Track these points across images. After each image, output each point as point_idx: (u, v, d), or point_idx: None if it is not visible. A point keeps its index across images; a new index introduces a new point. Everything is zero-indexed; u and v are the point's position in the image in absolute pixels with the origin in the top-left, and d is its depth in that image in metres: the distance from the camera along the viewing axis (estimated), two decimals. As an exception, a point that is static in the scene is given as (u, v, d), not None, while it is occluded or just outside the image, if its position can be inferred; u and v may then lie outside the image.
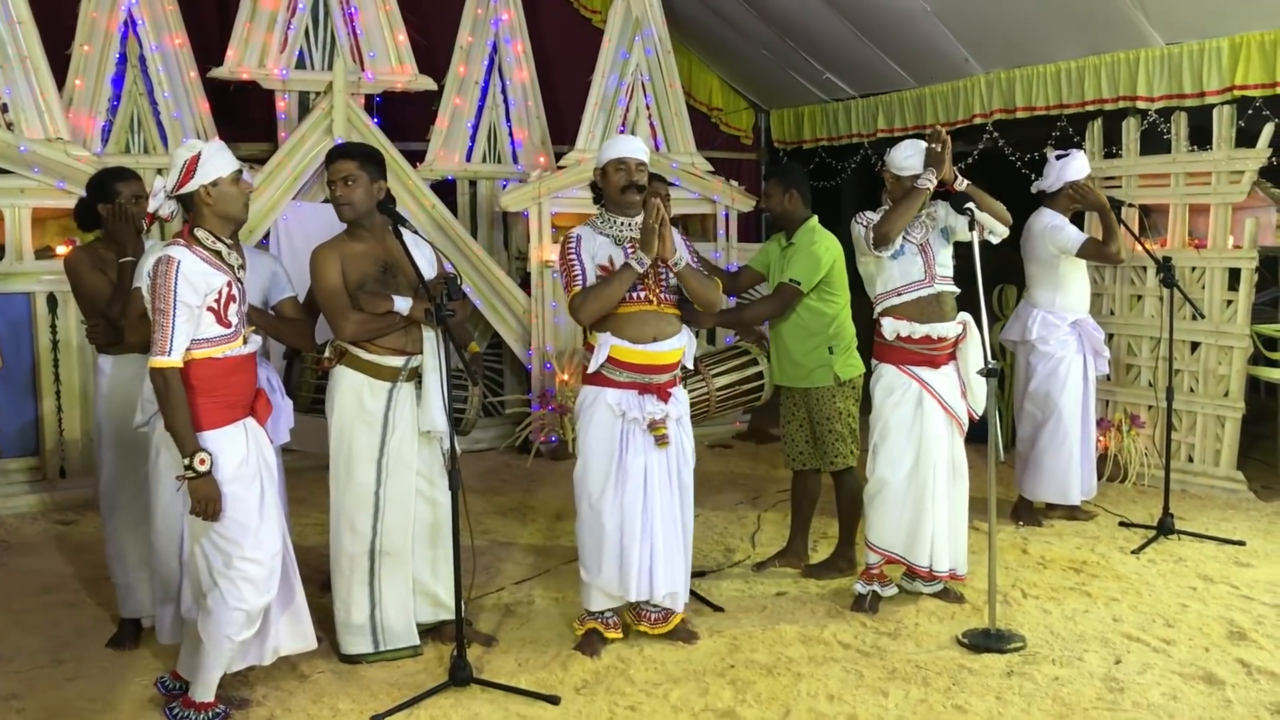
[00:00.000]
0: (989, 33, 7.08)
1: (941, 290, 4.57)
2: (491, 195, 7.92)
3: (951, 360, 4.61)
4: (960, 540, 4.67)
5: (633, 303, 4.08)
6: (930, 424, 4.54)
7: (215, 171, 3.45)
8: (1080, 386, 5.71)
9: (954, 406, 4.57)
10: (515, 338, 7.61)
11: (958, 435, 4.63)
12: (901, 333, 4.53)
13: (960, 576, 4.70)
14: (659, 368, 4.12)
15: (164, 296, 3.32)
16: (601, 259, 4.10)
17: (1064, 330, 5.68)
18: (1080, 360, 5.70)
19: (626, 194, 4.12)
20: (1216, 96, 6.16)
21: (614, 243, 4.14)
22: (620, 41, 7.86)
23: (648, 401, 4.11)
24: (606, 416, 4.10)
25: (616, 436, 4.10)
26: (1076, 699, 3.78)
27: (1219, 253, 6.28)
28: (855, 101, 8.80)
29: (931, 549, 4.58)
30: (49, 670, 4.10)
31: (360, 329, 3.97)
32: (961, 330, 4.58)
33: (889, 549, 4.61)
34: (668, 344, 4.12)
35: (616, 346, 4.07)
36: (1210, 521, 5.79)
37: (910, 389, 4.55)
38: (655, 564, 4.12)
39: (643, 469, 4.11)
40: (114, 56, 6.82)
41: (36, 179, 6.19)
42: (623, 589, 4.13)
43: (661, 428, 4.10)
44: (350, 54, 7.30)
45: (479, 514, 6.01)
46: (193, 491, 3.38)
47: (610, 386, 4.11)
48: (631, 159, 4.12)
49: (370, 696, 3.86)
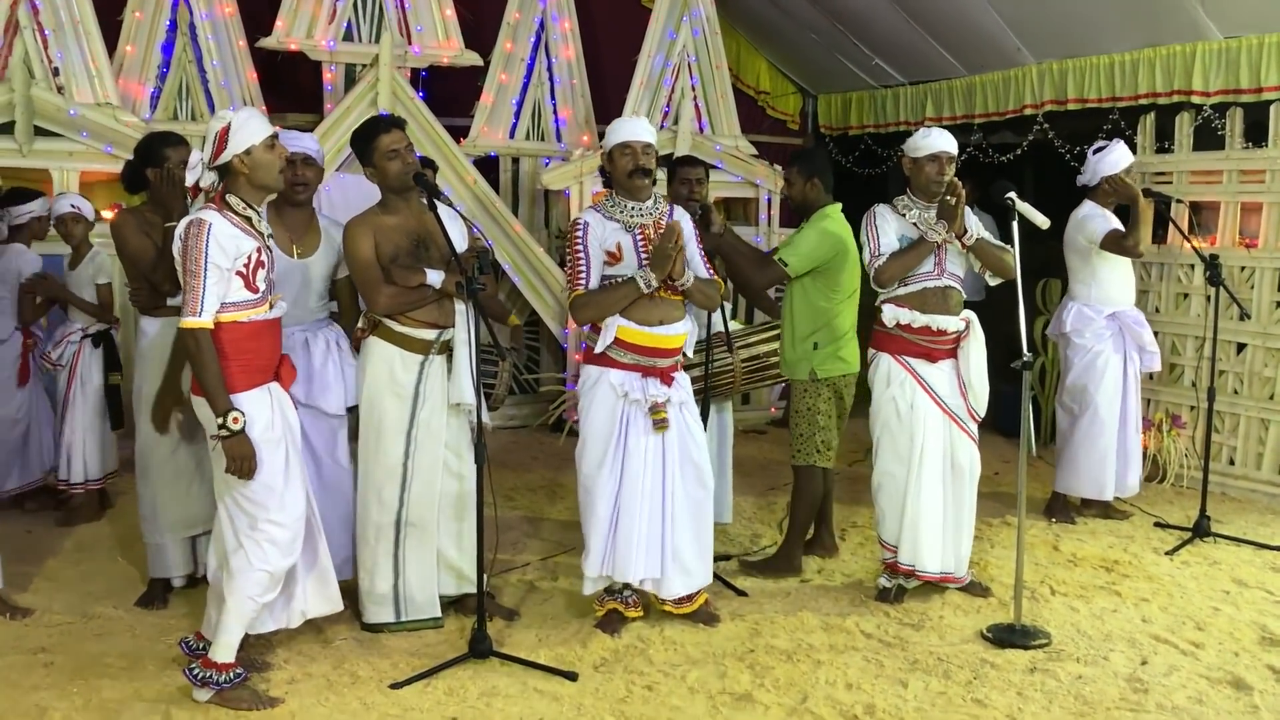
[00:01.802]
0: (1042, 22, 6.95)
1: (949, 285, 4.49)
2: (534, 173, 7.92)
3: (951, 357, 4.51)
4: (963, 543, 4.57)
5: None
6: (922, 419, 4.47)
7: (248, 139, 3.46)
8: (1117, 381, 5.61)
9: (949, 403, 4.48)
10: (552, 316, 7.61)
11: (958, 433, 4.51)
12: (901, 320, 4.47)
13: (959, 579, 4.60)
14: (663, 351, 4.10)
15: (195, 259, 3.35)
16: (610, 245, 4.08)
17: (1100, 323, 5.59)
18: (1119, 355, 5.60)
19: (634, 178, 4.07)
20: (1275, 93, 6.00)
21: (623, 228, 4.10)
22: (668, 21, 7.80)
23: (650, 384, 4.09)
24: (609, 397, 4.09)
25: (617, 417, 4.08)
26: (1099, 698, 3.73)
27: (1270, 253, 6.14)
28: (904, 89, 8.69)
29: (915, 547, 4.48)
30: (79, 626, 4.18)
31: (393, 301, 3.99)
32: (965, 327, 4.49)
33: (893, 542, 4.56)
34: (673, 328, 4.10)
35: (623, 328, 4.05)
36: (1249, 525, 5.68)
37: (906, 381, 4.49)
38: (640, 549, 4.09)
39: (644, 450, 4.08)
40: (164, 24, 6.90)
41: (85, 143, 6.28)
42: (610, 569, 4.12)
43: (661, 411, 4.08)
44: (398, 27, 7.31)
45: (508, 489, 6.04)
46: (227, 450, 3.42)
47: (614, 367, 4.09)
48: (637, 142, 4.07)
49: (390, 665, 3.89)
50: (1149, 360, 5.70)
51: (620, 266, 4.07)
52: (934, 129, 4.49)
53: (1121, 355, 5.62)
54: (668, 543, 4.15)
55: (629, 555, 4.08)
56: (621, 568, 4.10)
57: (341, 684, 3.75)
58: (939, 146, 4.41)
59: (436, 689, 3.72)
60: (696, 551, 4.21)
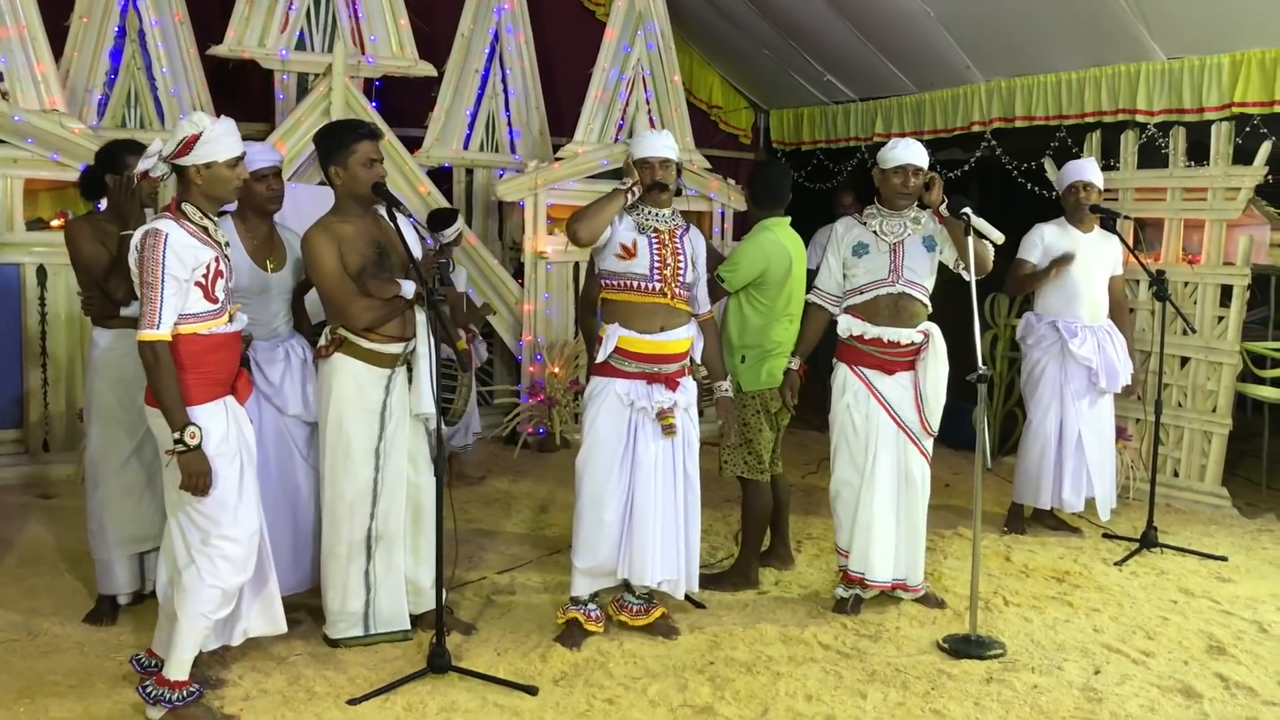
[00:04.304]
0: (991, 40, 7.08)
1: (905, 293, 4.50)
2: (488, 184, 7.90)
3: (909, 370, 4.53)
4: (915, 551, 4.61)
5: (645, 293, 4.11)
6: (874, 430, 4.51)
7: (211, 155, 3.42)
8: (1053, 390, 5.64)
9: (904, 417, 4.51)
10: (507, 328, 7.58)
11: (910, 445, 4.53)
12: (854, 331, 4.52)
13: (913, 588, 4.64)
14: (667, 357, 4.15)
15: (152, 269, 3.30)
16: (625, 240, 4.13)
17: (1040, 331, 5.68)
18: (1057, 365, 5.62)
19: (652, 191, 4.15)
20: (1215, 113, 6.16)
21: (637, 229, 4.15)
22: (622, 35, 7.83)
23: (656, 390, 4.13)
24: (616, 406, 4.12)
25: (625, 426, 4.12)
26: (1054, 708, 3.77)
27: (1212, 269, 6.29)
28: (855, 105, 8.79)
29: (866, 556, 4.53)
30: (24, 643, 4.08)
31: (371, 315, 3.92)
32: (924, 340, 4.51)
33: (847, 549, 4.61)
34: (675, 334, 4.15)
35: (624, 337, 4.10)
36: (1194, 536, 5.80)
37: (860, 391, 4.54)
38: (657, 551, 4.14)
39: (654, 456, 4.13)
40: (113, 30, 6.80)
41: (30, 150, 6.14)
42: (623, 570, 4.16)
43: (669, 417, 4.12)
44: (351, 37, 7.27)
45: (463, 502, 5.99)
46: (182, 465, 3.35)
47: (619, 377, 4.13)
48: (655, 158, 4.14)
49: (347, 680, 3.84)
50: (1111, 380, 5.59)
51: (632, 264, 4.11)
52: (902, 141, 4.55)
53: (1059, 366, 5.63)
54: (681, 543, 4.21)
55: (645, 558, 4.11)
56: (639, 571, 4.13)
57: (298, 700, 3.69)
58: (905, 159, 4.47)
59: (395, 704, 3.68)
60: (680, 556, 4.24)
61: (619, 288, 4.15)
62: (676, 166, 4.20)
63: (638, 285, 4.11)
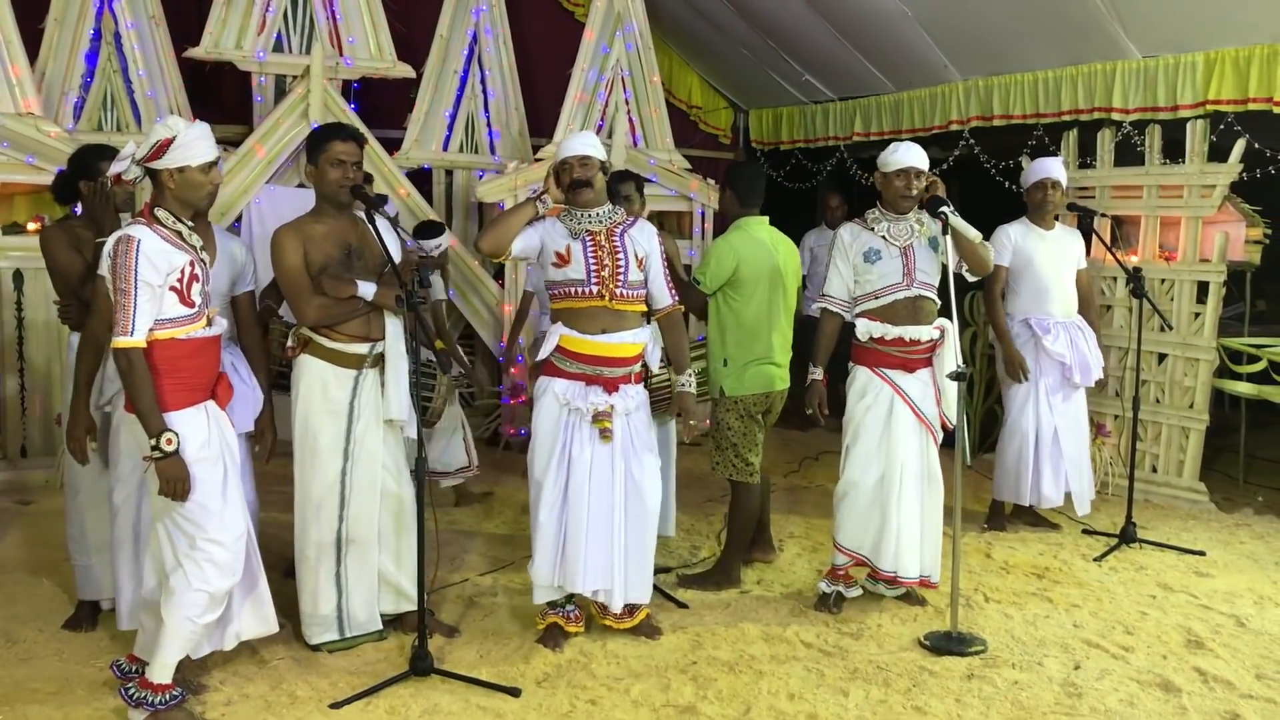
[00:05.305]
0: (968, 40, 7.11)
1: (920, 294, 4.54)
2: (467, 185, 7.88)
3: (927, 366, 4.58)
4: (933, 547, 4.64)
5: (583, 298, 4.09)
6: (900, 429, 4.52)
7: (184, 159, 3.41)
8: (1027, 387, 5.68)
9: (926, 412, 4.55)
10: (487, 329, 7.57)
11: (930, 442, 4.58)
12: (875, 334, 4.53)
13: (933, 584, 4.67)
14: (608, 360, 4.10)
15: (125, 276, 3.28)
16: (559, 247, 4.11)
17: (1014, 328, 5.71)
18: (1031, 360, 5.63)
19: (574, 193, 4.13)
20: (1190, 110, 6.21)
21: (570, 235, 4.13)
22: (601, 35, 7.83)
23: (593, 393, 4.08)
24: (553, 406, 4.10)
25: (560, 427, 4.09)
26: (1035, 703, 3.80)
27: (1188, 265, 6.34)
28: (833, 104, 8.82)
29: (896, 554, 4.55)
30: (2, 650, 4.06)
31: (322, 313, 3.92)
32: (939, 335, 4.55)
33: (856, 550, 4.61)
34: (617, 337, 4.10)
35: (565, 336, 4.09)
36: (1172, 531, 5.84)
37: (882, 392, 4.54)
38: (590, 558, 4.09)
39: (588, 461, 4.07)
40: (88, 32, 6.75)
41: (5, 154, 6.10)
42: (557, 578, 4.11)
43: (605, 421, 4.07)
44: (329, 38, 7.24)
45: (445, 504, 5.98)
46: (161, 472, 3.34)
47: (559, 376, 4.11)
48: (574, 157, 4.13)
49: (330, 684, 3.83)
50: (1084, 375, 5.64)
51: (569, 270, 4.09)
52: (903, 144, 4.57)
53: (1034, 362, 5.65)
54: (617, 554, 4.14)
55: (576, 565, 4.07)
56: (570, 578, 4.09)
57: (280, 705, 3.68)
58: (907, 162, 4.49)
59: (378, 708, 3.67)
60: (637, 567, 4.21)
61: (560, 295, 4.14)
62: (602, 164, 4.17)
63: (576, 291, 4.08)
